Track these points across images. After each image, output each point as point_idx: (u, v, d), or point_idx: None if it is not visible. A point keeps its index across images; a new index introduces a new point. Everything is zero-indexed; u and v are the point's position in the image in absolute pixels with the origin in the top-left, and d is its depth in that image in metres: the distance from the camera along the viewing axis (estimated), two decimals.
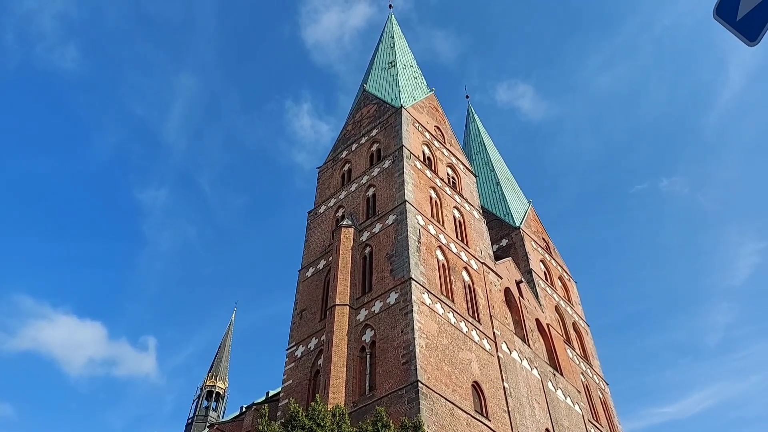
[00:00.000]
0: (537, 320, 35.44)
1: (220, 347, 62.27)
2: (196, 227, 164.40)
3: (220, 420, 43.15)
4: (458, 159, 40.14)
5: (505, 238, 43.92)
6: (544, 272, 42.88)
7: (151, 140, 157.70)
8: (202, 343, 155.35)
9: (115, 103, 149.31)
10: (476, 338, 27.70)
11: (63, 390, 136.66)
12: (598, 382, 39.58)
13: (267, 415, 17.74)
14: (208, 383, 57.96)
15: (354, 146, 39.17)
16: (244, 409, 35.70)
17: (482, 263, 32.86)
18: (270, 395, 34.54)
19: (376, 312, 26.43)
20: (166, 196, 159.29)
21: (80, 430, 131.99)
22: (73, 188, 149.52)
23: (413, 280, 25.97)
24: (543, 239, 47.03)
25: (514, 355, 30.10)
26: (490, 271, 33.17)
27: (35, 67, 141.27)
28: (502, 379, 27.34)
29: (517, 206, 47.66)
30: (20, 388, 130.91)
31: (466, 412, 23.54)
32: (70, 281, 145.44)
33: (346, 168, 38.38)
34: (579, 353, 39.47)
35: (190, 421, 55.24)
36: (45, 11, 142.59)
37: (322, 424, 16.40)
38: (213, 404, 56.69)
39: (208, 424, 47.68)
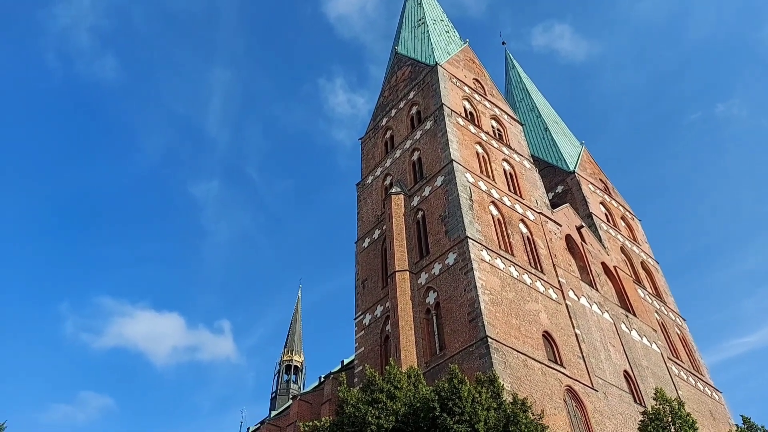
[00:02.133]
0: (603, 264, 34.58)
1: (291, 323, 64.92)
2: (250, 214, 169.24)
3: (302, 391, 45.23)
4: (502, 109, 39.04)
5: (561, 184, 42.68)
6: (605, 214, 41.53)
7: (195, 136, 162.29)
8: (274, 322, 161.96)
9: (156, 105, 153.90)
10: (541, 289, 27.41)
11: (152, 379, 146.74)
12: (674, 318, 38.44)
13: (345, 382, 18.40)
14: (285, 358, 60.78)
15: (393, 112, 38.81)
16: (322, 379, 37.16)
17: (539, 213, 32.19)
18: (345, 363, 35.74)
19: (436, 274, 26.58)
20: (218, 188, 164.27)
21: (173, 415, 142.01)
22: (132, 191, 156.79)
23: (469, 238, 25.83)
24: (600, 180, 45.41)
25: (583, 301, 29.62)
26: (548, 220, 32.48)
27: (78, 81, 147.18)
28: (573, 327, 27.05)
29: (569, 150, 46.05)
30: (116, 381, 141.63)
31: (540, 362, 23.53)
32: (143, 278, 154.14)
33: (388, 135, 38.17)
34: (651, 292, 38.35)
35: (273, 395, 58.39)
36: (79, 26, 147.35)
37: (398, 386, 16.85)
38: (293, 377, 59.52)
39: (291, 397, 50.13)
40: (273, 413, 48.04)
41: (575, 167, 43.09)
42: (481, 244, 26.21)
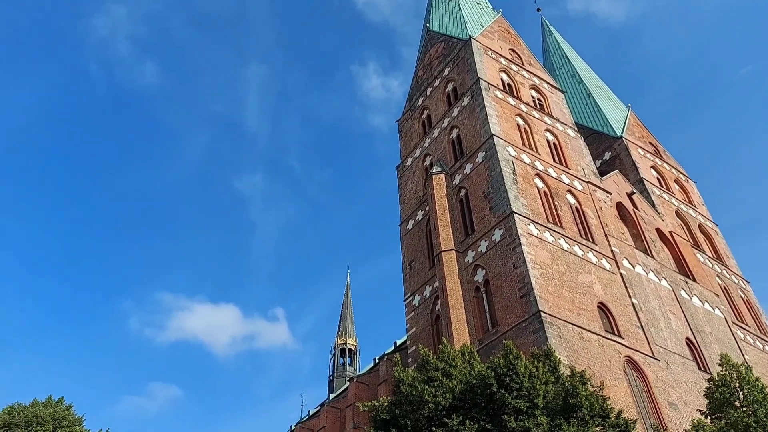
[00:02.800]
0: (657, 230, 33.37)
1: (342, 308, 66.09)
2: (294, 204, 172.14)
3: (358, 373, 46.11)
4: (541, 78, 37.93)
5: (608, 150, 41.24)
6: (657, 178, 39.94)
7: (235, 133, 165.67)
8: (326, 307, 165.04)
9: (196, 106, 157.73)
10: (593, 260, 26.75)
11: (215, 368, 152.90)
12: (737, 282, 36.79)
13: (399, 362, 18.61)
14: (339, 342, 62.10)
15: (429, 91, 38.36)
16: (377, 361, 37.73)
17: (587, 182, 31.29)
18: (398, 344, 36.15)
19: (483, 251, 26.35)
20: (262, 181, 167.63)
21: (236, 402, 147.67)
22: (180, 191, 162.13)
23: (515, 213, 25.42)
24: (650, 144, 43.60)
25: (638, 269, 28.75)
26: (597, 189, 31.53)
27: (121, 89, 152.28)
28: (629, 296, 26.34)
29: (615, 114, 44.33)
30: (182, 372, 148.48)
31: (596, 334, 23.08)
32: (198, 273, 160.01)
33: (425, 115, 37.81)
34: (711, 256, 36.78)
35: (331, 378, 59.92)
36: (117, 36, 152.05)
37: (453, 364, 16.92)
38: (348, 360, 60.79)
39: (347, 379, 51.23)
40: (331, 396, 49.22)
41: (622, 132, 41.52)
42: (527, 218, 25.76)
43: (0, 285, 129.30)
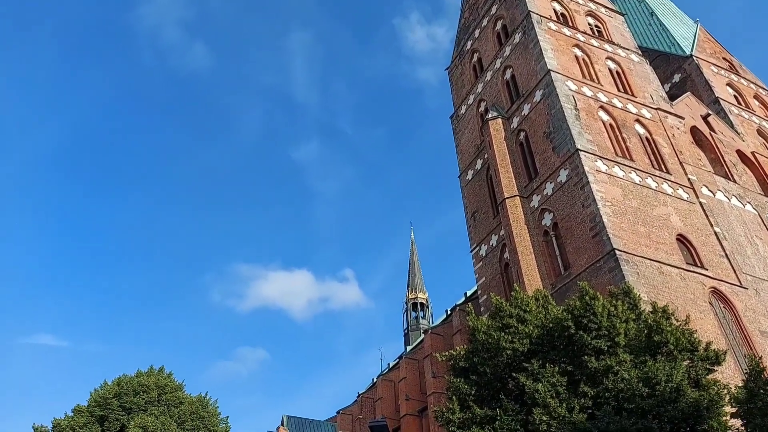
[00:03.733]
0: (738, 151, 31.03)
1: (410, 264, 66.91)
2: (351, 167, 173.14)
3: (431, 326, 46.92)
4: (597, 3, 35.38)
5: (677, 72, 38.25)
6: (735, 96, 36.81)
7: (287, 103, 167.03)
8: (393, 264, 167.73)
9: (246, 81, 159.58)
10: (669, 191, 25.38)
11: (295, 331, 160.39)
12: None
13: (472, 312, 18.68)
14: (410, 297, 63.20)
15: (477, 32, 36.78)
16: (449, 312, 38.15)
17: (656, 109, 29.37)
18: (469, 295, 36.31)
19: (549, 194, 25.59)
20: (317, 148, 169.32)
21: (319, 360, 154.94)
22: (242, 166, 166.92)
23: (580, 150, 24.35)
24: (724, 59, 40.02)
25: (719, 196, 27.03)
26: (668, 115, 29.55)
27: (175, 75, 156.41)
28: (711, 225, 24.92)
29: (683, 32, 40.83)
30: (265, 336, 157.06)
31: (677, 267, 22.15)
32: (270, 243, 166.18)
33: (475, 59, 36.41)
34: None
35: (405, 332, 61.41)
36: (166, 22, 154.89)
37: (527, 309, 16.79)
38: (420, 314, 61.89)
39: (422, 331, 52.29)
40: (408, 348, 50.53)
41: (692, 50, 38.28)
42: (594, 154, 24.63)
43: (96, 270, 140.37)
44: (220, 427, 33.48)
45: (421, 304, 63.46)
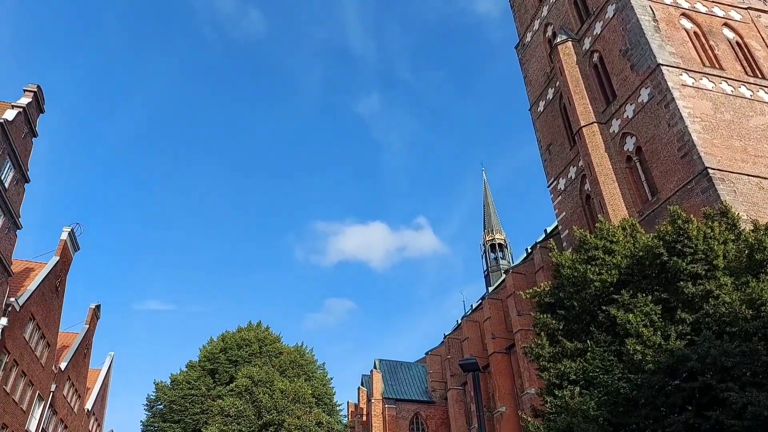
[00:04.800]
0: None
1: (484, 205, 65.91)
2: (414, 115, 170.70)
3: (512, 265, 46.59)
4: None
5: None
6: None
7: (344, 57, 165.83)
8: (466, 207, 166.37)
9: (302, 40, 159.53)
10: (766, 98, 23.04)
11: (376, 280, 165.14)
12: None
13: (555, 247, 18.30)
14: (487, 239, 62.62)
15: None
16: (529, 250, 37.65)
17: (746, 9, 26.35)
18: (549, 231, 35.54)
19: (630, 117, 24.04)
20: (379, 100, 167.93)
21: (403, 306, 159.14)
22: (308, 127, 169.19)
23: (663, 65, 22.49)
24: None
25: None
26: (761, 13, 26.45)
27: (235, 43, 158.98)
28: None
29: None
30: (349, 287, 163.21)
31: None
32: (343, 199, 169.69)
33: None
34: None
35: (486, 273, 61.31)
36: None
37: (614, 240, 16.21)
38: (499, 254, 61.36)
39: (503, 272, 52.11)
40: (490, 289, 50.69)
41: None
42: (678, 67, 22.69)
43: (191, 239, 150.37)
44: (318, 373, 35.81)
45: (499, 244, 62.83)
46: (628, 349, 13.58)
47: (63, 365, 31.86)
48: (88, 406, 39.74)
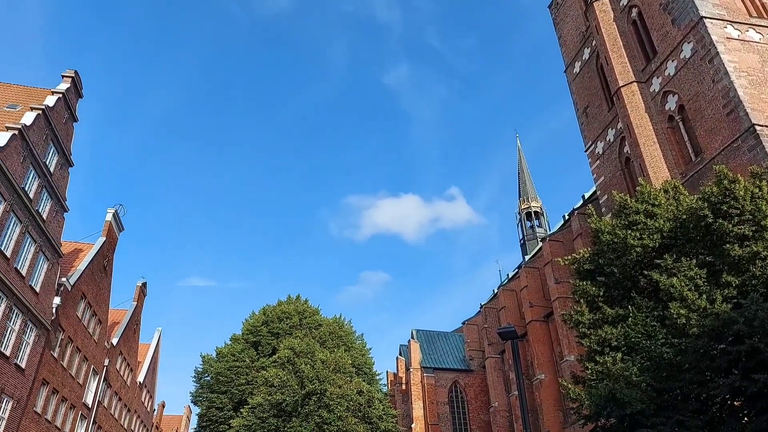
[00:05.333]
0: None
1: (518, 173, 64.77)
2: (444, 84, 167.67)
3: (549, 233, 45.94)
4: None
5: None
6: None
7: (370, 27, 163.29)
8: (500, 176, 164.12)
9: (329, 12, 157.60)
10: None
11: (410, 252, 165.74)
12: None
13: (594, 213, 17.91)
14: (522, 207, 61.70)
15: None
16: (566, 217, 36.98)
17: None
18: (587, 197, 34.76)
19: (671, 74, 23.01)
20: (407, 69, 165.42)
21: (438, 278, 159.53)
22: (336, 100, 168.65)
23: (705, 18, 21.32)
24: None
25: None
26: None
27: (261, 18, 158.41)
28: None
29: None
30: (384, 259, 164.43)
31: None
32: (374, 172, 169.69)
33: None
34: None
35: (522, 242, 60.60)
36: None
37: (656, 203, 15.73)
38: (535, 222, 60.49)
39: (539, 240, 51.47)
40: (526, 257, 50.25)
41: None
42: (722, 19, 21.49)
43: (228, 217, 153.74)
44: (357, 344, 36.46)
45: (535, 212, 61.90)
46: (671, 314, 13.30)
47: (114, 341, 33.40)
48: (140, 379, 41.71)
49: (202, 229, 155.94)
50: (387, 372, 54.20)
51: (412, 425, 46.01)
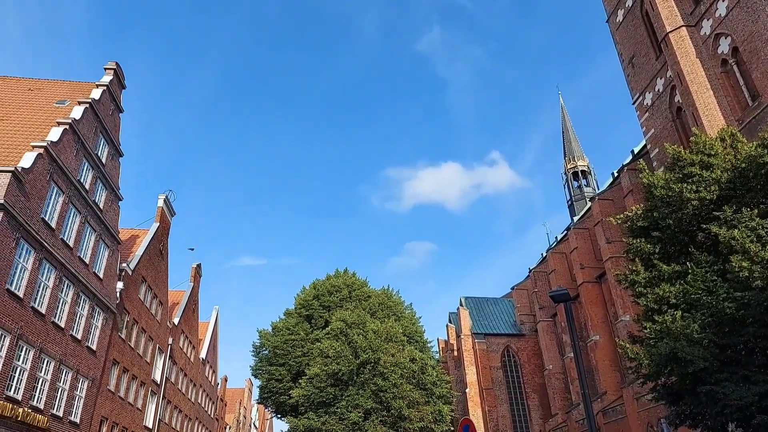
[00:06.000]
0: None
1: (563, 132, 62.65)
2: (478, 44, 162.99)
3: (597, 192, 44.55)
4: None
5: None
6: None
7: None
8: (543, 136, 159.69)
9: None
10: None
11: (454, 220, 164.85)
12: None
13: (645, 168, 17.20)
14: (568, 167, 59.83)
15: None
16: (616, 175, 35.75)
17: None
18: (636, 152, 33.45)
19: (722, 15, 21.52)
20: (439, 33, 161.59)
21: (483, 244, 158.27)
22: (370, 74, 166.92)
23: None
24: None
25: None
26: None
27: None
28: None
29: None
30: (428, 229, 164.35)
31: None
32: (412, 142, 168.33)
33: None
34: None
35: (569, 203, 59.00)
36: None
37: (712, 153, 14.95)
38: (583, 182, 58.61)
39: (588, 200, 50.04)
40: (575, 218, 49.12)
41: None
42: None
43: (272, 197, 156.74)
44: (407, 313, 36.86)
45: (582, 171, 60.03)
46: (733, 267, 12.76)
47: (176, 320, 35.03)
48: (202, 355, 43.75)
49: (250, 211, 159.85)
50: (438, 340, 54.71)
51: (466, 390, 46.53)
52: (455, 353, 52.10)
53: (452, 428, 30.85)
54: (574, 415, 37.33)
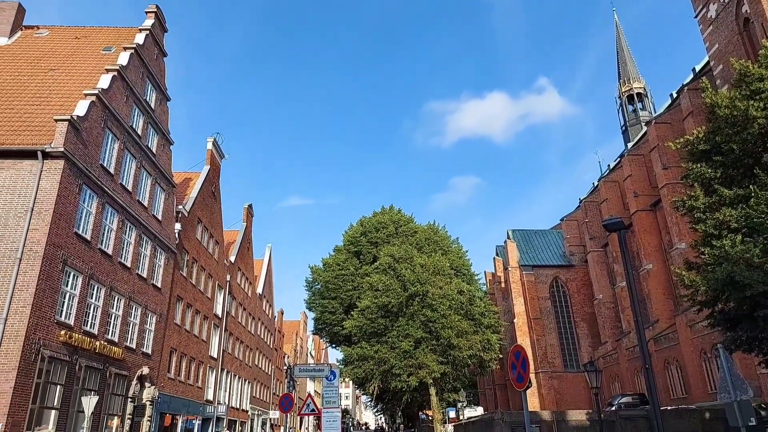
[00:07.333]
0: None
1: (617, 52, 58.66)
2: None
3: (654, 115, 42.11)
4: None
5: None
6: None
7: None
8: (594, 59, 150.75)
9: None
10: None
11: (500, 153, 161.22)
12: None
13: (708, 86, 16.02)
14: (623, 90, 56.44)
15: None
16: (675, 96, 33.66)
17: None
18: (698, 71, 31.23)
19: None
20: None
21: (530, 177, 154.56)
22: (408, 16, 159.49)
23: None
24: None
25: None
26: None
27: None
28: None
29: None
30: (473, 164, 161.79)
31: None
32: (455, 74, 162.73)
33: None
34: None
35: (623, 128, 56.08)
36: None
37: None
38: (639, 105, 55.35)
39: (643, 124, 47.50)
40: (629, 145, 47.00)
41: None
42: None
43: (316, 137, 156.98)
44: (453, 247, 37.06)
45: (638, 94, 56.69)
46: None
47: (232, 258, 36.64)
48: (259, 290, 45.92)
49: (299, 147, 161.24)
50: (485, 272, 55.02)
51: (514, 320, 47.17)
52: (503, 285, 52.43)
53: (501, 356, 31.60)
54: (624, 343, 37.39)
